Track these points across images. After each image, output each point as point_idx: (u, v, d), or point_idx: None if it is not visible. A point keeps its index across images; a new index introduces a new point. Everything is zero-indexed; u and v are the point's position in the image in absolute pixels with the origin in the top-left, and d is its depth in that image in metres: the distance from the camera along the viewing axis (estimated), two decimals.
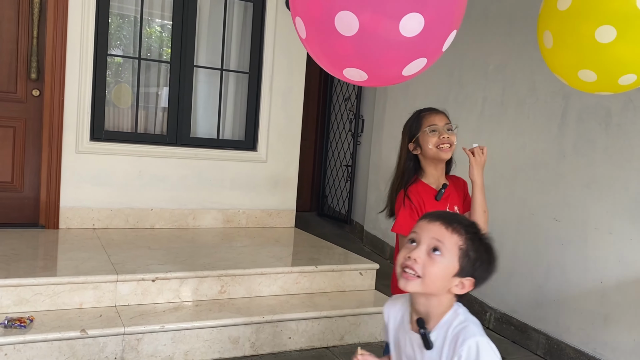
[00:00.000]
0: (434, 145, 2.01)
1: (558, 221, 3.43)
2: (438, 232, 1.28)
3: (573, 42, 1.71)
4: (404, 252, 1.30)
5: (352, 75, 1.38)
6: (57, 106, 3.98)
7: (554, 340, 3.41)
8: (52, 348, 2.65)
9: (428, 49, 1.34)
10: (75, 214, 4.10)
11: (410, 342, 1.34)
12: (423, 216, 1.38)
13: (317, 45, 1.36)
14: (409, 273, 1.27)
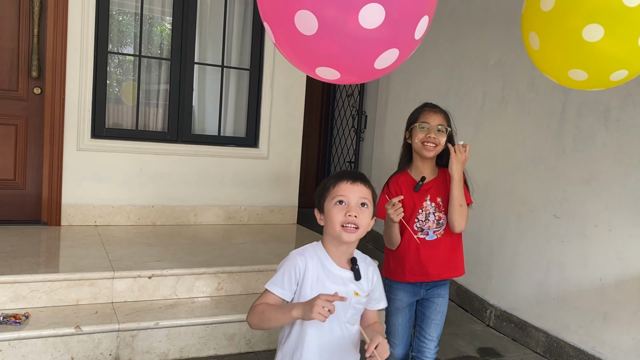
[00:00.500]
0: (419, 140, 2.14)
1: (558, 218, 3.39)
2: (361, 191, 1.59)
3: (560, 43, 1.67)
4: (340, 213, 1.56)
5: (324, 74, 1.37)
6: (58, 104, 4.01)
7: (553, 338, 3.38)
8: (46, 344, 2.67)
9: (397, 39, 1.30)
10: (77, 210, 4.13)
11: (336, 281, 1.60)
12: (340, 179, 1.60)
13: (286, 47, 1.35)
14: (351, 227, 1.56)
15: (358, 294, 1.62)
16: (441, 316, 2.30)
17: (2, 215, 4.02)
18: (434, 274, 2.21)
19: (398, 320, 2.28)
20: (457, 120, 4.25)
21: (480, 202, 4.00)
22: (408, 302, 2.28)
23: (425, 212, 2.19)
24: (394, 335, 2.30)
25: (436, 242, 2.19)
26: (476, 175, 4.06)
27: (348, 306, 1.60)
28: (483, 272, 3.96)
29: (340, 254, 1.62)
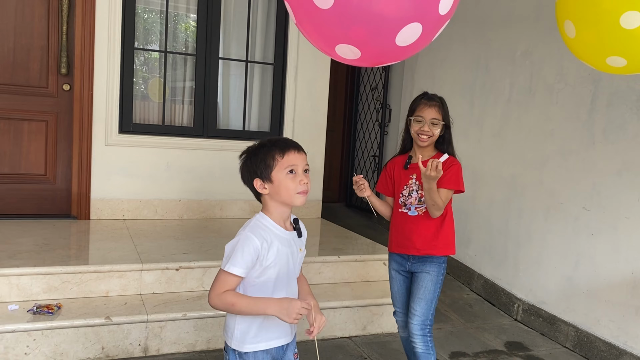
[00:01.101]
0: (414, 132, 2.35)
1: (588, 210, 3.33)
2: (304, 158, 1.71)
3: (597, 31, 1.65)
4: (294, 181, 1.66)
5: (344, 53, 1.34)
6: (87, 100, 4.08)
7: (583, 333, 3.32)
8: (78, 334, 2.73)
9: (419, 12, 1.24)
10: (105, 205, 4.21)
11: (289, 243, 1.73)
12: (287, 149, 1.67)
13: (306, 25, 1.34)
14: (303, 193, 1.68)
15: (301, 249, 1.79)
16: (424, 291, 2.39)
17: (34, 209, 4.12)
18: (413, 248, 2.38)
19: (394, 288, 2.53)
20: (484, 112, 4.21)
21: (508, 195, 3.96)
22: (397, 270, 2.49)
23: (409, 188, 2.40)
24: (393, 302, 2.56)
25: (417, 218, 2.37)
26: (503, 168, 4.02)
27: (297, 261, 1.77)
28: (510, 266, 3.91)
29: (285, 218, 1.74)
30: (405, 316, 2.50)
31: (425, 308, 2.39)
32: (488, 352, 3.29)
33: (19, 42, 3.97)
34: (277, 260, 1.68)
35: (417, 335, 2.40)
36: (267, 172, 1.66)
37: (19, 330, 2.61)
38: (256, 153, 1.69)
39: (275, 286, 1.71)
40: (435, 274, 2.39)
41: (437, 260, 2.39)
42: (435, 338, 3.37)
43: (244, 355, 1.70)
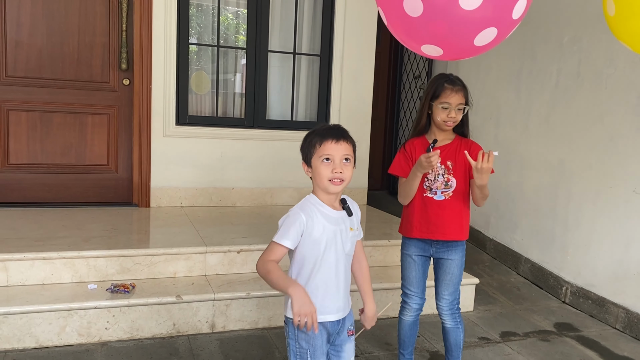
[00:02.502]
0: (441, 119, 2.32)
1: (638, 193, 3.36)
2: (344, 148, 1.78)
3: (637, 9, 1.70)
4: (327, 169, 1.76)
5: (429, 51, 1.50)
6: (146, 94, 4.30)
7: (633, 314, 3.37)
8: (152, 311, 2.94)
9: (495, 18, 1.40)
10: (164, 193, 4.43)
11: (337, 222, 1.83)
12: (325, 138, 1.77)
13: (396, 28, 1.49)
14: (337, 181, 1.77)
15: (352, 228, 1.89)
16: (451, 277, 2.45)
17: (99, 198, 4.38)
18: (439, 233, 2.38)
19: (412, 273, 2.51)
20: (530, 99, 4.25)
21: (555, 180, 4.01)
22: (419, 254, 2.47)
23: (435, 172, 2.36)
24: (408, 285, 2.54)
25: (443, 203, 2.36)
26: (550, 154, 4.07)
27: (347, 239, 1.86)
28: (558, 250, 3.97)
29: (333, 200, 1.85)
30: (421, 300, 2.54)
31: (453, 291, 2.48)
32: (538, 332, 3.38)
33: (82, 40, 4.21)
34: (324, 236, 1.79)
35: (447, 314, 2.50)
36: (308, 158, 1.82)
37: (100, 307, 2.84)
38: (306, 139, 1.85)
39: (337, 263, 1.82)
40: (460, 259, 2.44)
41: (461, 245, 2.44)
42: (484, 318, 3.50)
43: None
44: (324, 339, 1.83)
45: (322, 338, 1.82)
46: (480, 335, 3.28)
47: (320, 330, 1.81)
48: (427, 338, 3.18)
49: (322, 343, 1.83)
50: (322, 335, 1.82)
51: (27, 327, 2.73)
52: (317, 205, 1.82)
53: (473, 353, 3.04)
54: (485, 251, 4.75)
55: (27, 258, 2.98)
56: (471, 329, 3.34)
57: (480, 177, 2.17)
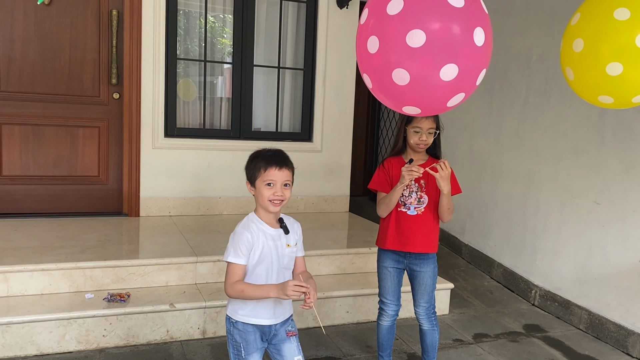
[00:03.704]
0: (414, 142, 2.56)
1: (599, 204, 3.63)
2: (285, 174, 2.02)
3: (590, 76, 2.05)
4: (269, 191, 2.00)
5: (409, 110, 1.78)
6: (135, 107, 4.46)
7: (595, 316, 3.64)
8: (146, 319, 3.12)
9: (464, 86, 1.72)
10: (153, 203, 4.60)
11: (274, 238, 2.06)
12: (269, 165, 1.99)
13: (382, 93, 1.75)
14: (277, 202, 2.01)
15: (289, 245, 2.10)
16: (425, 287, 2.70)
17: (90, 208, 4.53)
18: (410, 245, 2.61)
19: (388, 283, 2.74)
20: (502, 112, 4.50)
21: (525, 190, 4.27)
22: (393, 267, 2.70)
23: (409, 189, 2.59)
24: (385, 295, 2.76)
25: (416, 218, 2.59)
26: (520, 165, 4.33)
27: (284, 255, 2.09)
28: (528, 255, 4.24)
29: (272, 218, 2.08)
30: (397, 306, 2.76)
31: (428, 298, 2.73)
32: (508, 333, 3.63)
33: (73, 55, 4.36)
34: (265, 252, 2.03)
35: (423, 318, 2.75)
36: (253, 179, 2.05)
37: (98, 315, 3.01)
38: (251, 160, 2.08)
39: (268, 275, 2.05)
40: (432, 270, 2.68)
41: (432, 257, 2.69)
42: (458, 321, 3.74)
43: (234, 324, 2.08)
44: (257, 336, 2.08)
45: (255, 335, 2.08)
46: (455, 337, 3.52)
47: (254, 330, 2.08)
48: (404, 340, 3.41)
49: (255, 339, 2.08)
50: (255, 333, 2.08)
51: (29, 335, 2.89)
52: (257, 223, 2.06)
53: (447, 354, 3.27)
54: (461, 256, 5.00)
55: (26, 269, 3.14)
56: (446, 331, 3.58)
57: (444, 184, 2.46)
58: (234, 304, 2.09)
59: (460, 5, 1.62)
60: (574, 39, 2.05)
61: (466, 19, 1.64)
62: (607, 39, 1.93)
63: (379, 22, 1.65)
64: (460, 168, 4.92)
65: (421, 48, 1.59)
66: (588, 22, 2.02)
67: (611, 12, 1.89)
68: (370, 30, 1.68)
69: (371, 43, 1.67)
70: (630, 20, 1.86)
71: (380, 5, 1.67)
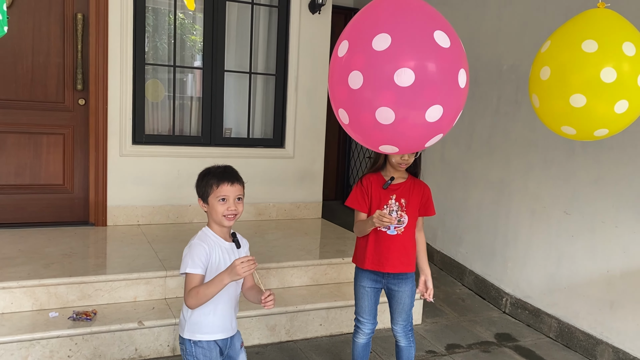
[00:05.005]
0: (395, 161, 2.55)
1: (568, 214, 3.68)
2: (237, 189, 2.11)
3: (554, 106, 2.05)
4: (223, 207, 2.07)
5: (386, 149, 1.74)
6: (102, 113, 4.33)
7: (564, 324, 3.69)
8: (114, 337, 3.03)
9: (444, 127, 1.69)
10: (121, 212, 4.48)
11: (228, 252, 2.13)
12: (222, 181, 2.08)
13: (360, 131, 1.71)
14: (231, 216, 2.08)
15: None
16: (403, 306, 2.69)
17: (55, 217, 4.38)
18: (389, 266, 2.59)
19: (365, 302, 2.70)
20: (474, 121, 4.52)
21: (496, 198, 4.30)
22: (371, 287, 2.67)
23: (390, 208, 2.56)
24: (361, 314, 2.72)
25: (395, 237, 2.57)
26: (491, 173, 4.36)
27: None
28: (499, 264, 4.27)
29: (225, 232, 2.16)
30: (373, 325, 2.73)
31: (406, 316, 2.72)
32: (480, 343, 3.65)
33: (36, 60, 4.20)
34: (220, 265, 2.08)
35: (401, 335, 2.73)
36: (205, 196, 2.12)
37: (62, 335, 2.91)
38: (202, 178, 2.15)
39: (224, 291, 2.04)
40: (410, 289, 2.66)
41: (411, 276, 2.67)
42: (431, 331, 3.74)
43: (197, 343, 2.12)
44: (217, 353, 2.15)
45: (216, 352, 2.14)
46: (428, 348, 3.52)
47: (213, 346, 2.14)
48: (378, 353, 3.40)
49: (217, 356, 2.15)
50: (215, 350, 2.14)
51: None
52: (211, 236, 2.14)
53: None
54: (433, 262, 5.02)
55: None
56: (419, 342, 3.58)
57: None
58: (192, 324, 2.12)
59: (447, 46, 1.59)
60: (542, 67, 2.05)
61: (452, 60, 1.61)
62: (573, 70, 1.94)
63: (364, 57, 1.59)
64: (432, 175, 4.94)
65: (410, 87, 1.54)
66: (557, 51, 2.03)
67: (579, 44, 1.90)
68: (352, 65, 1.62)
69: (354, 78, 1.61)
70: (597, 53, 1.87)
71: (363, 39, 1.61)
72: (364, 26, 1.65)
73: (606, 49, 1.85)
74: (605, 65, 1.83)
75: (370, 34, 1.59)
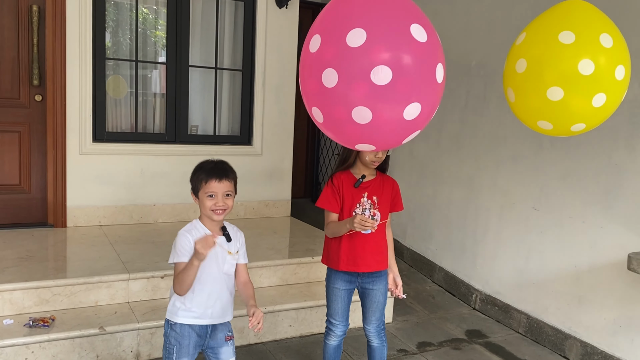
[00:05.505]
0: (369, 159, 2.48)
1: (537, 210, 3.69)
2: (226, 185, 2.12)
3: (530, 100, 2.00)
4: (211, 202, 2.09)
5: (363, 147, 1.69)
6: (60, 110, 4.15)
7: (533, 320, 3.71)
8: (74, 345, 2.89)
9: (421, 124, 1.64)
10: (81, 212, 4.31)
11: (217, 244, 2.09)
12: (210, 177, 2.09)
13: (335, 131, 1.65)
14: (219, 211, 2.10)
15: (231, 252, 2.19)
16: (377, 304, 2.65)
17: (11, 219, 4.18)
18: (364, 266, 2.54)
19: (338, 304, 2.64)
20: (443, 117, 4.51)
21: (465, 195, 4.30)
22: (346, 288, 2.61)
23: (362, 207, 2.51)
24: (334, 316, 2.66)
25: (369, 236, 2.52)
26: (461, 170, 4.35)
27: (225, 261, 2.17)
28: (469, 260, 4.27)
29: (215, 226, 2.17)
30: (345, 326, 2.67)
31: (380, 315, 2.67)
32: (451, 340, 3.63)
33: None
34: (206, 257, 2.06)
35: (374, 335, 2.69)
36: (196, 190, 2.15)
37: (18, 344, 2.75)
38: (194, 173, 2.18)
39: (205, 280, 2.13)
40: (384, 287, 2.63)
41: (384, 273, 2.63)
42: (402, 329, 3.71)
43: (173, 325, 2.16)
44: (191, 341, 2.16)
45: (189, 339, 2.16)
46: (399, 347, 3.48)
47: (189, 332, 2.16)
48: (349, 353, 3.34)
49: (189, 343, 2.16)
50: (190, 337, 2.16)
51: None
52: (200, 229, 2.14)
53: None
54: (403, 259, 5.00)
55: None
56: (391, 341, 3.54)
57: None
58: (171, 305, 2.18)
59: (424, 40, 1.53)
60: (517, 59, 2.00)
61: (430, 55, 1.55)
62: (550, 62, 1.89)
63: (339, 53, 1.51)
64: (401, 172, 4.91)
65: (387, 86, 1.48)
66: (533, 43, 1.98)
67: (556, 35, 1.85)
68: (326, 62, 1.54)
69: (328, 76, 1.53)
70: (574, 44, 1.82)
71: (336, 33, 1.53)
72: (337, 20, 1.56)
73: (584, 41, 1.81)
74: (583, 57, 1.79)
75: (344, 28, 1.51)
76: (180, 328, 2.15)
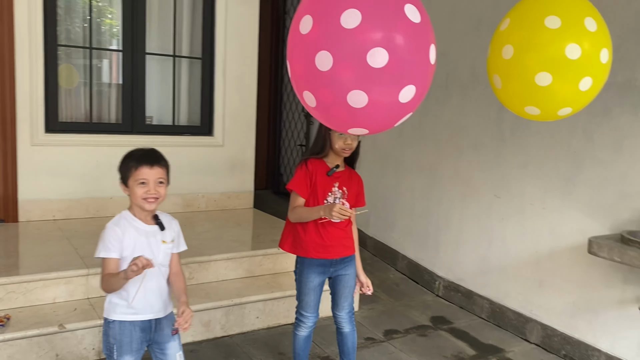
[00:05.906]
0: (339, 147, 2.49)
1: (499, 197, 3.77)
2: (158, 172, 2.03)
3: (518, 86, 2.00)
4: (142, 190, 2.00)
5: (356, 131, 1.66)
6: (9, 100, 3.94)
7: (496, 305, 3.79)
8: (31, 344, 2.76)
9: (414, 106, 1.61)
10: (34, 206, 4.12)
11: (148, 235, 2.06)
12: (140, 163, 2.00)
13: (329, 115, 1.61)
14: (151, 200, 2.01)
15: (165, 241, 2.12)
16: (349, 289, 2.68)
17: None
18: (335, 252, 2.57)
19: (311, 298, 2.62)
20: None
21: (428, 183, 4.34)
22: (319, 281, 2.60)
23: (334, 195, 2.54)
24: (306, 309, 2.63)
25: (338, 224, 2.55)
26: (422, 159, 4.39)
27: (159, 251, 2.09)
28: (431, 247, 4.33)
29: (145, 215, 2.09)
30: (316, 317, 2.66)
31: (351, 300, 2.70)
32: (416, 327, 3.67)
33: None
34: (137, 248, 2.02)
35: (346, 321, 2.70)
36: (125, 179, 2.05)
37: None
38: (123, 161, 2.07)
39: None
40: (354, 271, 2.66)
41: (353, 258, 2.67)
42: (368, 318, 3.73)
43: (110, 323, 2.07)
44: (133, 338, 2.06)
45: (131, 336, 2.06)
46: (366, 335, 3.50)
47: (131, 330, 2.06)
48: (317, 344, 3.33)
49: (132, 340, 2.06)
50: (131, 334, 2.06)
51: None
52: (129, 219, 2.07)
53: (361, 354, 3.23)
54: (366, 249, 5.02)
55: None
56: (358, 329, 3.49)
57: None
58: (110, 302, 2.08)
59: (417, 21, 1.49)
60: (503, 45, 1.99)
61: (424, 36, 1.52)
62: (537, 47, 1.89)
63: (333, 35, 1.46)
64: (364, 161, 4.88)
65: (384, 68, 1.44)
66: (518, 29, 1.97)
67: (542, 20, 1.85)
68: (319, 44, 1.48)
69: (322, 59, 1.48)
70: (560, 29, 1.83)
71: (329, 14, 1.47)
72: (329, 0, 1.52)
73: (569, 25, 1.82)
74: (570, 41, 1.81)
75: (338, 9, 1.45)
76: (120, 325, 2.05)
